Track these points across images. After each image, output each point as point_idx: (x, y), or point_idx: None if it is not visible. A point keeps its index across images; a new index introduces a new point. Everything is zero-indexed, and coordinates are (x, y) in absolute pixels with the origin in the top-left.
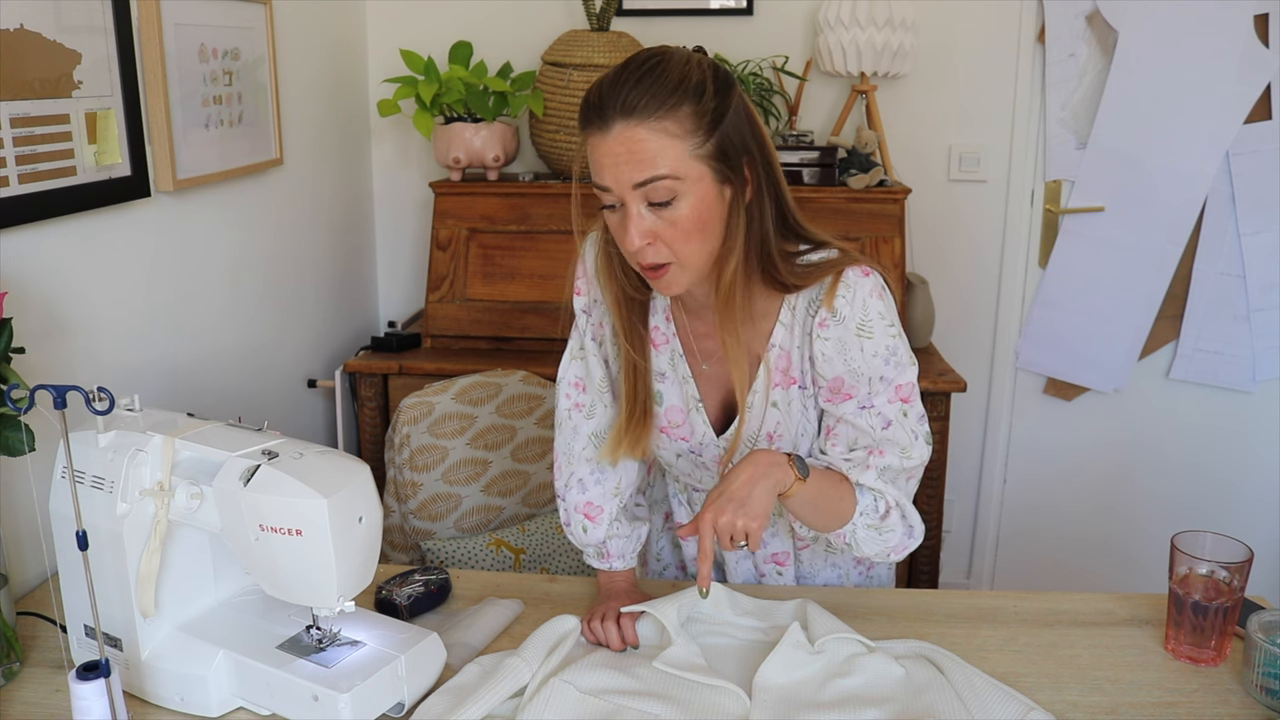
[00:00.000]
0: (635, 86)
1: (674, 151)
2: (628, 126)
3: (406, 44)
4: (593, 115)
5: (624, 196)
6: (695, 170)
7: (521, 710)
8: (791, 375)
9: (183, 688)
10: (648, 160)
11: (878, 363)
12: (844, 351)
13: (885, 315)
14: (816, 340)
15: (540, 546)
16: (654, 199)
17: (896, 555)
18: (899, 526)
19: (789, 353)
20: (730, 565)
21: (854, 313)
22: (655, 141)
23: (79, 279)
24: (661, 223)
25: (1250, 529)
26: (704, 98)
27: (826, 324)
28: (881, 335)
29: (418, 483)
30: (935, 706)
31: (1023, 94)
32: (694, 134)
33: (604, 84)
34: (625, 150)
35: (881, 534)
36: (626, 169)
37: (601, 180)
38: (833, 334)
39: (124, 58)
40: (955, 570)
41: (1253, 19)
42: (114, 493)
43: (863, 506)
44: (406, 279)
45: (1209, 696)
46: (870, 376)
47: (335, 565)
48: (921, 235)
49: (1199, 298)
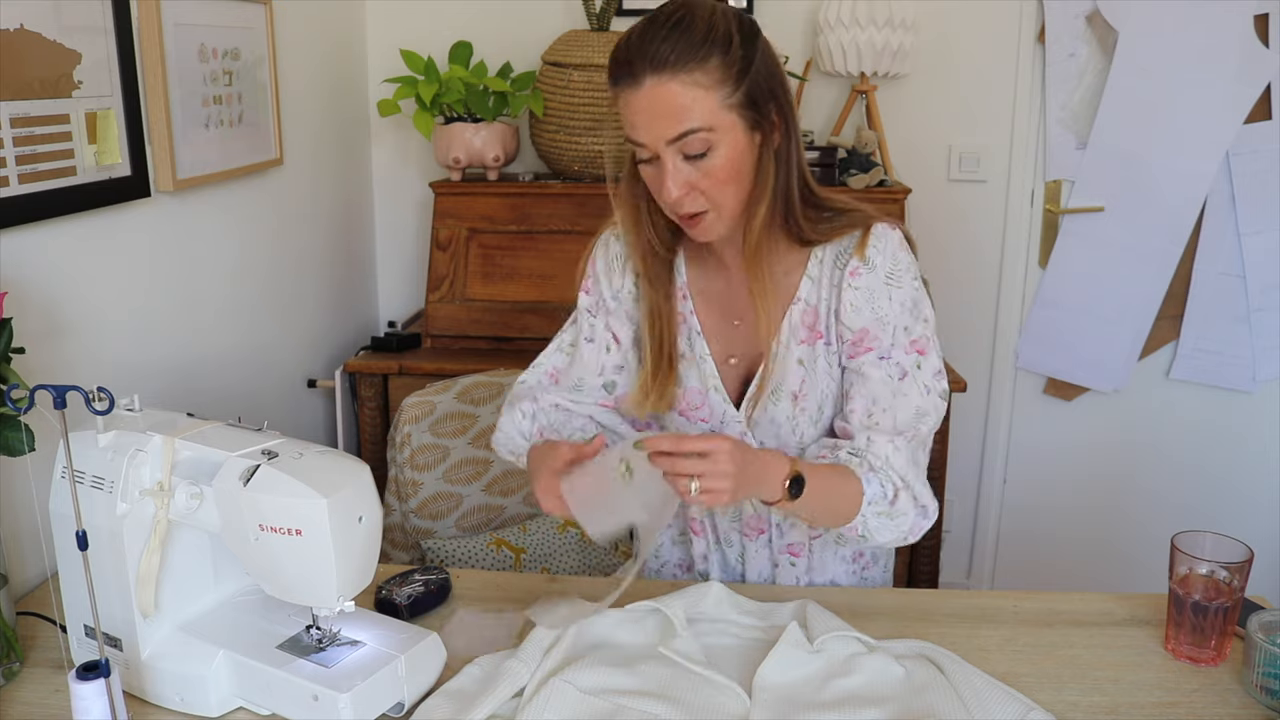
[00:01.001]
0: (664, 40)
1: (706, 103)
2: (659, 81)
3: (406, 44)
4: (622, 71)
5: (659, 151)
6: (727, 120)
7: (521, 710)
8: (817, 330)
9: (183, 688)
10: (680, 114)
11: (903, 313)
12: (872, 300)
13: (911, 268)
14: (847, 290)
15: (541, 546)
16: (689, 151)
17: (913, 536)
18: (910, 509)
19: (815, 307)
20: (750, 554)
21: (884, 262)
22: (687, 95)
23: (79, 279)
24: (697, 173)
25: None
26: (731, 47)
27: (858, 272)
28: (908, 286)
29: (418, 482)
30: (935, 706)
31: (1023, 94)
32: (724, 84)
33: (631, 38)
34: (658, 105)
35: (894, 519)
36: (660, 124)
37: (636, 136)
38: (863, 282)
39: (124, 58)
40: (955, 570)
41: (1253, 19)
42: (114, 493)
43: (870, 495)
44: (406, 279)
45: (1209, 696)
46: (894, 326)
47: (335, 565)
48: (921, 235)
49: (1199, 298)
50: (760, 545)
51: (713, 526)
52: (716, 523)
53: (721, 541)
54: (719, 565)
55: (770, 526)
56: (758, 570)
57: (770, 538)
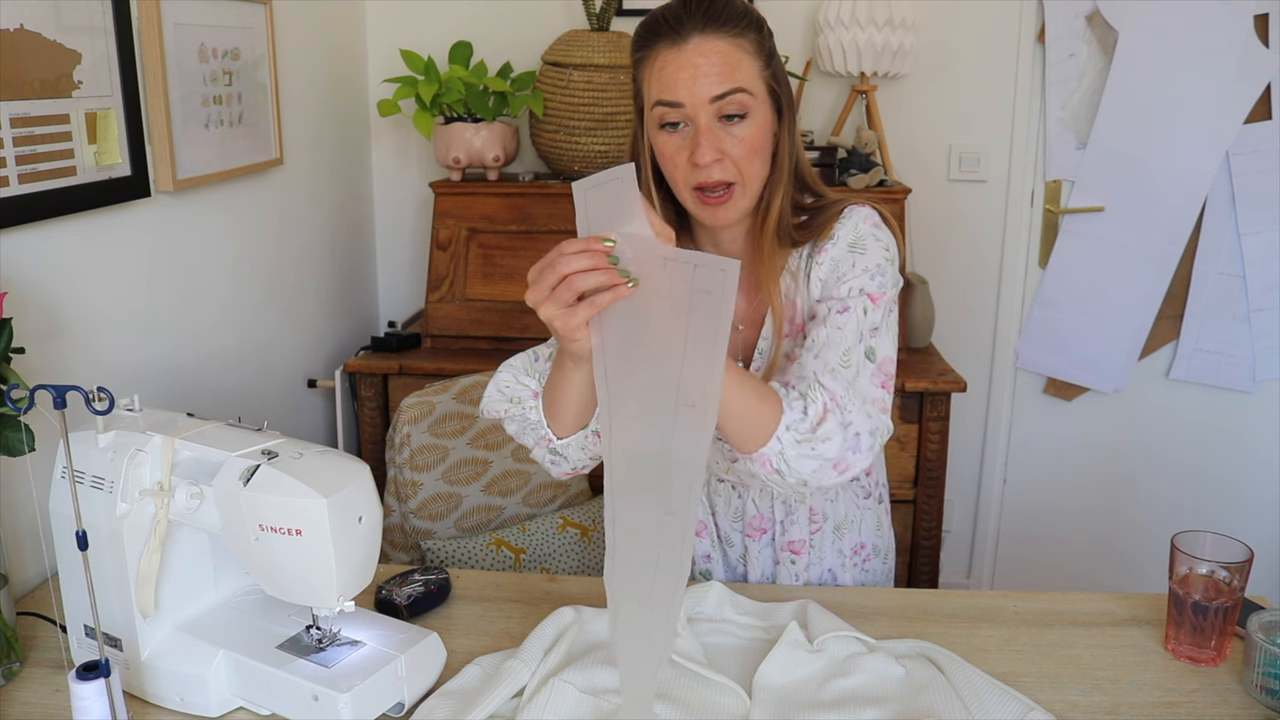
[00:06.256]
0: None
1: (750, 66)
2: (707, 38)
3: (406, 44)
4: (664, 29)
5: (697, 111)
6: (762, 90)
7: (521, 710)
8: (797, 322)
9: (183, 688)
10: (729, 71)
11: (864, 278)
12: (836, 269)
13: (880, 239)
14: (814, 269)
15: (540, 546)
16: (728, 112)
17: (840, 473)
18: (836, 435)
19: (794, 300)
20: (753, 554)
21: (847, 233)
22: (735, 54)
23: (79, 279)
24: (731, 139)
25: (1250, 529)
26: (763, 31)
27: (822, 249)
28: (874, 253)
29: (418, 482)
30: (935, 706)
31: (1023, 94)
32: (758, 57)
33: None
34: (706, 61)
35: (815, 447)
36: (706, 80)
37: (674, 95)
38: (826, 256)
39: (124, 58)
40: (955, 570)
41: (1253, 19)
42: (114, 493)
43: (789, 420)
44: (406, 279)
45: (1209, 696)
46: (852, 287)
47: (335, 565)
48: (921, 235)
49: (1199, 298)
50: (763, 545)
51: (715, 527)
52: (719, 523)
53: (723, 541)
54: (721, 565)
55: (774, 524)
56: (760, 570)
57: (773, 535)
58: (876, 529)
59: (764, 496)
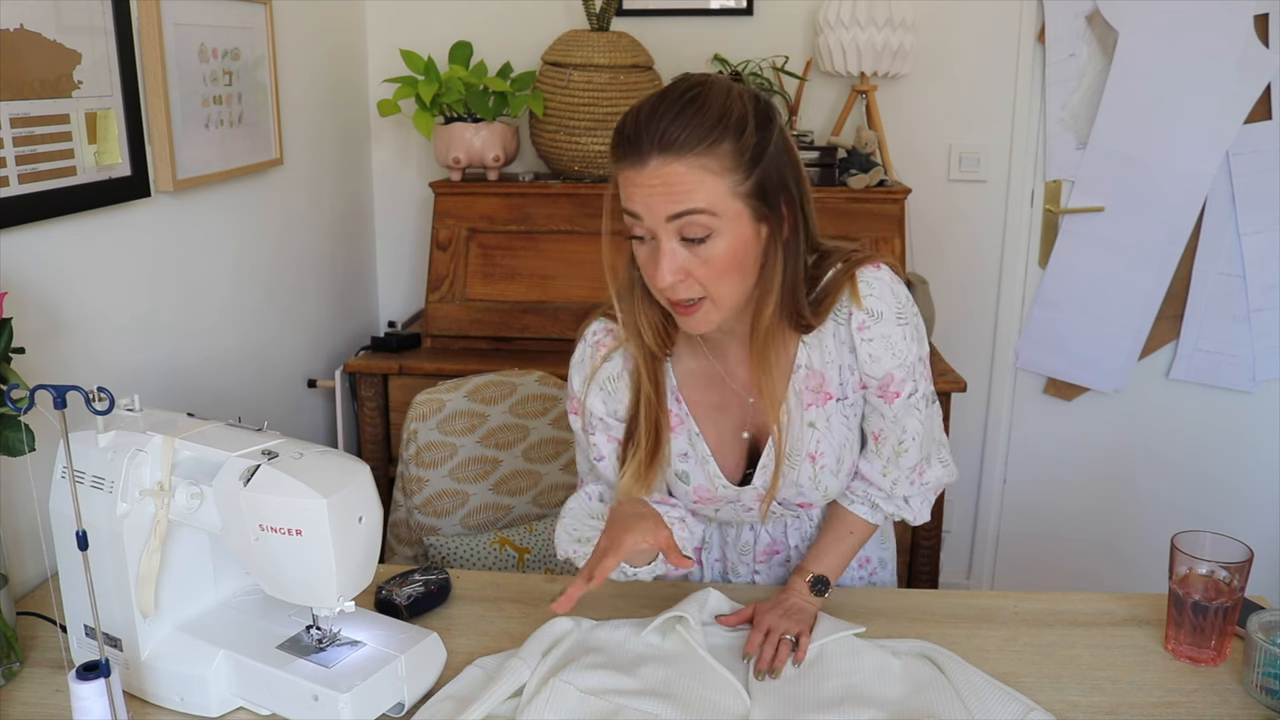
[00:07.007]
0: (675, 120)
1: (712, 188)
2: (665, 162)
3: (406, 44)
4: (628, 148)
5: (656, 229)
6: (733, 208)
7: (521, 710)
8: (827, 391)
9: (183, 688)
10: (683, 194)
11: (916, 347)
12: (890, 346)
13: (908, 298)
14: (862, 345)
15: (546, 546)
16: (688, 234)
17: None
18: (928, 504)
19: (819, 371)
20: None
21: (888, 306)
22: (693, 177)
23: (79, 279)
24: (695, 260)
25: (1250, 529)
26: (745, 134)
27: (866, 326)
28: (913, 318)
29: (423, 478)
30: (935, 706)
31: (1023, 94)
32: (734, 171)
33: (640, 114)
34: (663, 184)
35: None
36: (661, 201)
37: (632, 207)
38: (876, 333)
39: (124, 58)
40: (955, 570)
41: (1253, 19)
42: (114, 493)
43: (875, 519)
44: (406, 279)
45: (1209, 696)
46: (913, 363)
47: (335, 565)
48: (921, 235)
49: (1199, 298)
50: (775, 564)
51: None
52: (726, 554)
53: (729, 572)
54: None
55: (788, 548)
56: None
57: (787, 557)
58: (881, 542)
59: (778, 525)
